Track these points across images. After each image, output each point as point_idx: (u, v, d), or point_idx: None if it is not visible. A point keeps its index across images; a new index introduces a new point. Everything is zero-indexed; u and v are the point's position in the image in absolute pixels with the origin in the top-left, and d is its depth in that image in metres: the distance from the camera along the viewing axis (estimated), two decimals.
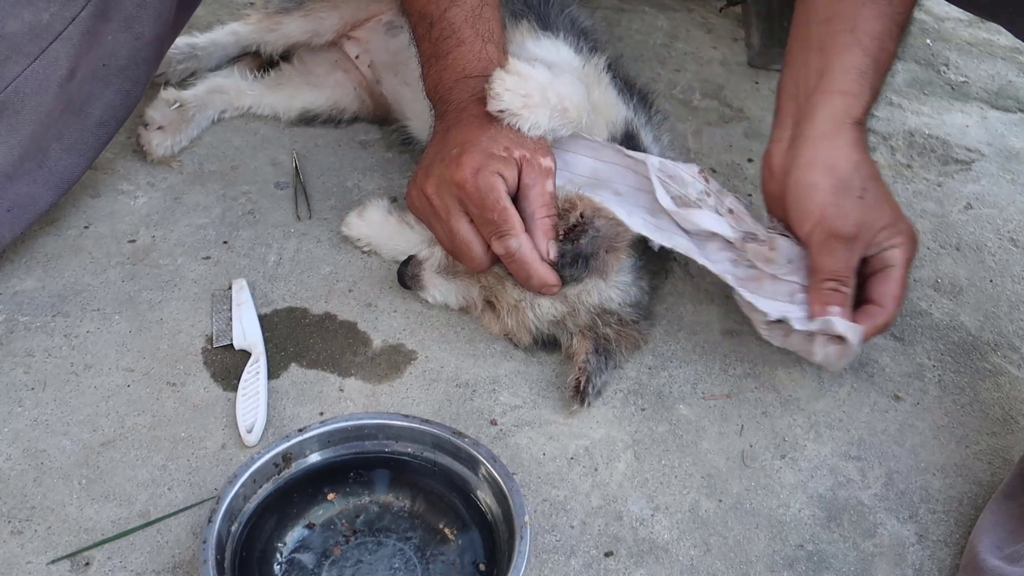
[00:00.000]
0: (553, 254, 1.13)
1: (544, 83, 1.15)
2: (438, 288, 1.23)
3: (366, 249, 1.35)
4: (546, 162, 1.15)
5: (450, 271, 1.22)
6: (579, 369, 1.15)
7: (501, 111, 1.13)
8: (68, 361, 1.17)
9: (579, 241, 1.13)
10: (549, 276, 1.14)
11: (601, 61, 1.30)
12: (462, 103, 1.18)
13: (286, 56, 1.61)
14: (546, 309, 1.16)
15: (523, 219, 1.13)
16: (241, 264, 1.33)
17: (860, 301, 1.14)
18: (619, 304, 1.18)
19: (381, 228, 1.33)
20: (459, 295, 1.23)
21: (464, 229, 1.14)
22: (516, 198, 1.14)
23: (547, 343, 1.22)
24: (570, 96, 1.17)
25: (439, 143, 1.18)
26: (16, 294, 1.26)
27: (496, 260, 1.15)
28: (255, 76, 1.59)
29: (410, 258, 1.24)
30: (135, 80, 1.29)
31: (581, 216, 1.14)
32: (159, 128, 1.47)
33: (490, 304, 1.21)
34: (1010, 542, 0.97)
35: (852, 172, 1.10)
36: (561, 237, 1.13)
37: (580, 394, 1.14)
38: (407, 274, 1.24)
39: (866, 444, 1.16)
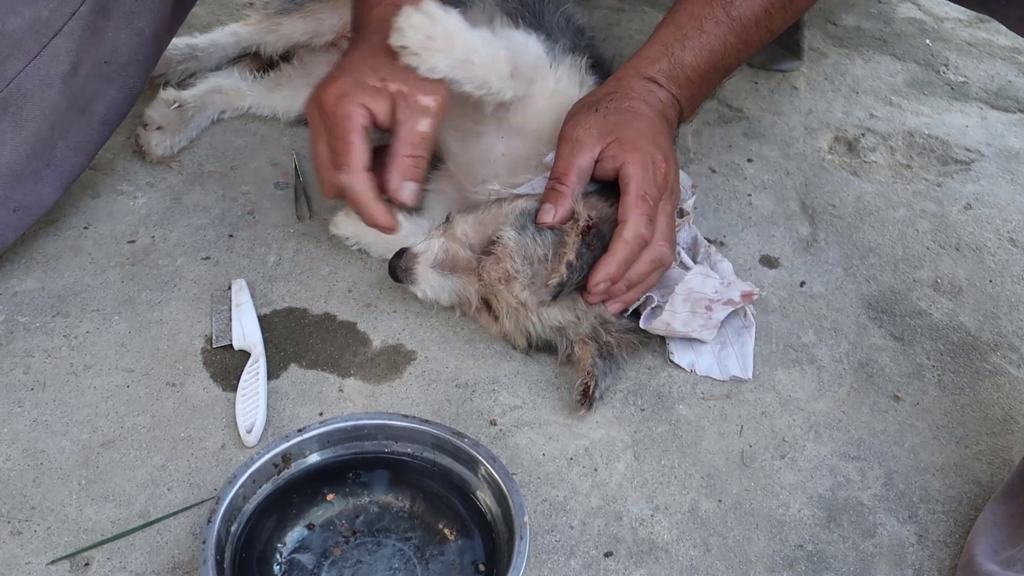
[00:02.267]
0: (407, 195, 1.11)
1: (452, 30, 1.11)
2: (431, 284, 1.19)
3: (355, 248, 1.35)
4: (426, 101, 1.11)
5: (447, 266, 1.18)
6: (587, 374, 1.14)
7: (402, 47, 1.09)
8: (68, 361, 1.17)
9: (595, 244, 1.11)
10: (382, 217, 1.12)
11: (581, 61, 1.29)
12: (373, 26, 1.17)
13: (286, 57, 1.61)
14: (552, 315, 1.15)
15: (391, 155, 1.11)
16: (241, 264, 1.33)
17: None
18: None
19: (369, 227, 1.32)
20: (453, 292, 1.20)
21: (321, 152, 1.12)
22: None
23: (541, 348, 1.21)
24: (480, 51, 1.14)
25: (339, 59, 1.18)
26: (16, 294, 1.26)
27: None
28: (255, 77, 1.59)
29: (403, 250, 1.19)
30: (137, 76, 1.29)
31: (590, 217, 1.12)
32: (158, 128, 1.47)
33: (487, 304, 1.19)
34: (1007, 545, 0.97)
35: (601, 97, 1.18)
36: (577, 239, 1.11)
37: (588, 399, 1.13)
38: (399, 266, 1.19)
39: (866, 444, 1.16)
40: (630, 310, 1.19)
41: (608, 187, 1.16)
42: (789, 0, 1.24)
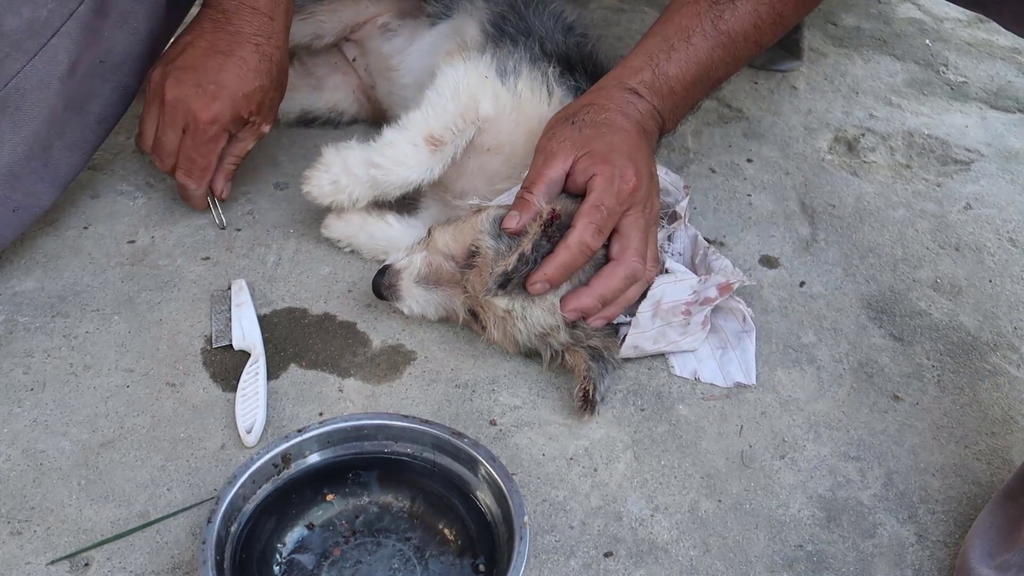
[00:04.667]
0: (226, 194, 1.36)
1: (345, 165, 1.25)
2: (416, 299, 1.19)
3: (347, 249, 1.35)
4: (265, 128, 1.34)
5: (431, 280, 1.18)
6: (584, 378, 1.14)
7: (327, 205, 1.27)
8: (67, 362, 1.17)
9: (556, 237, 1.10)
10: (199, 207, 1.38)
11: (547, 70, 1.27)
12: (244, 36, 1.26)
13: None
14: (536, 318, 1.13)
15: (219, 160, 1.33)
16: (240, 264, 1.33)
17: None
18: None
19: (360, 228, 1.32)
20: (439, 306, 1.20)
21: (170, 142, 1.28)
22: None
23: (533, 354, 1.20)
24: (360, 167, 1.24)
25: (207, 50, 1.26)
26: (16, 295, 1.26)
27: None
28: None
29: (386, 267, 1.20)
30: (132, 76, 1.29)
31: (554, 210, 1.10)
32: None
33: (474, 314, 1.18)
34: (1002, 549, 0.97)
35: (578, 109, 1.18)
36: (538, 230, 1.10)
37: (589, 403, 1.13)
38: (383, 284, 1.19)
39: (865, 444, 1.16)
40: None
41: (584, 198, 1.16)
42: (779, 15, 1.24)
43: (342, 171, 1.24)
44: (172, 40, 1.31)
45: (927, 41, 1.99)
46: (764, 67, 1.83)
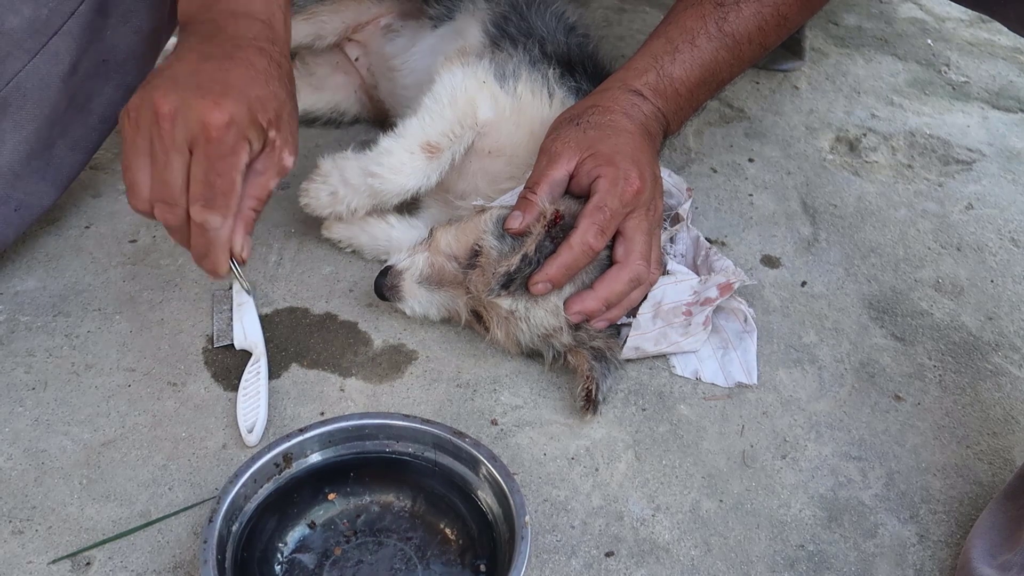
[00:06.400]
0: (247, 254, 1.04)
1: (342, 175, 1.24)
2: (418, 300, 1.19)
3: (348, 250, 1.35)
4: (288, 160, 1.04)
5: (433, 281, 1.18)
6: (587, 378, 1.14)
7: (326, 216, 1.27)
8: (69, 361, 1.18)
9: (559, 238, 1.11)
10: (224, 265, 1.02)
11: (547, 72, 1.27)
12: (246, 38, 1.03)
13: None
14: (539, 319, 1.14)
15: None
16: None
17: None
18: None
19: (361, 229, 1.32)
20: (441, 307, 1.20)
21: (176, 173, 0.96)
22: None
23: (535, 354, 1.20)
24: (357, 177, 1.22)
25: (199, 58, 0.99)
26: (17, 294, 1.26)
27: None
28: None
29: (388, 268, 1.20)
30: (135, 75, 1.29)
31: (557, 211, 1.11)
32: None
33: (477, 315, 1.18)
34: (1004, 549, 0.97)
35: (583, 111, 1.18)
36: (542, 231, 1.11)
37: (592, 403, 1.13)
38: (385, 285, 1.19)
39: (867, 444, 1.16)
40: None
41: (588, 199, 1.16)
42: (783, 17, 1.24)
43: (339, 182, 1.24)
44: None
45: (929, 41, 1.99)
46: (766, 67, 1.83)
